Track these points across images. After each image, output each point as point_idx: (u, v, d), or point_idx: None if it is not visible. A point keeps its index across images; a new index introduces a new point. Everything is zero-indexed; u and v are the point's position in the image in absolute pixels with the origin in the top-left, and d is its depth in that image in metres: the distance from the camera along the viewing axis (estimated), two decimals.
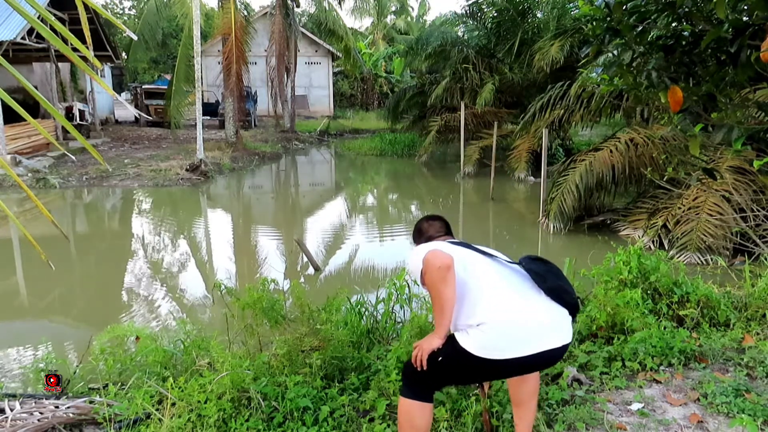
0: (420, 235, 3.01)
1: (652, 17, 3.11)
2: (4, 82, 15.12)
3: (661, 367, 3.90)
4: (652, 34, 3.22)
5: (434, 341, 2.53)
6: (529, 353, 2.44)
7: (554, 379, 3.77)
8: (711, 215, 8.17)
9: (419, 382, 2.64)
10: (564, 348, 2.55)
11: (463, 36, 20.99)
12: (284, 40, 24.52)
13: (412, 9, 47.63)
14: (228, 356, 3.52)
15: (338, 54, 32.89)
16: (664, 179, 8.95)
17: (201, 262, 9.50)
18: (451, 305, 2.44)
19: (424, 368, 2.54)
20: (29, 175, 14.75)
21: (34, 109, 18.59)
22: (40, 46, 17.79)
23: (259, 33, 26.32)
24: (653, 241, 8.60)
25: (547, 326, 2.50)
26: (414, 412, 2.62)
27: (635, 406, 3.43)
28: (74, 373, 4.29)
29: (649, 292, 4.76)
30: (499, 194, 13.75)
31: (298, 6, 27.38)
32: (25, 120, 16.57)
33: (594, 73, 3.95)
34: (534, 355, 2.45)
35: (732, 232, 7.94)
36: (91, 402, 3.59)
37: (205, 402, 3.24)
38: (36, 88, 2.09)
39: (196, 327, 4.82)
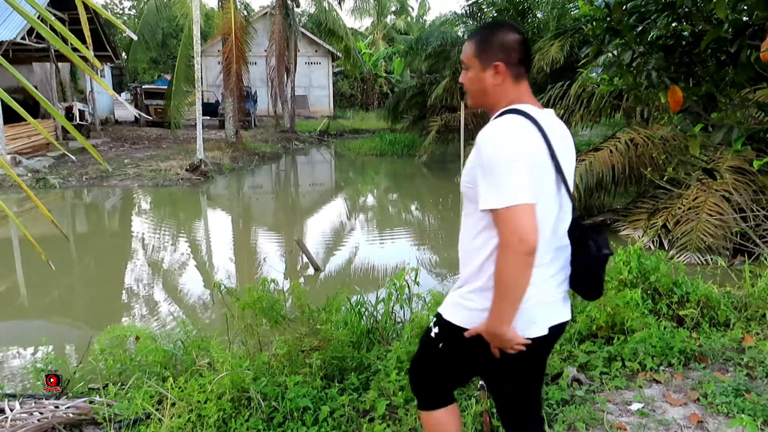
0: (486, 47, 1.95)
1: (652, 17, 3.12)
2: (4, 82, 15.11)
3: (661, 367, 3.90)
4: (652, 34, 3.22)
5: (501, 328, 1.87)
6: (537, 334, 1.97)
7: (554, 379, 3.77)
8: (711, 215, 8.16)
9: (433, 385, 2.26)
10: (564, 325, 2.11)
11: (463, 36, 20.96)
12: (284, 40, 24.52)
13: (412, 9, 47.63)
14: (228, 356, 3.52)
15: (338, 54, 32.87)
16: (664, 179, 8.95)
17: (201, 262, 9.50)
18: (522, 294, 1.85)
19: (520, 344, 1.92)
20: (29, 175, 14.75)
21: (34, 109, 18.59)
22: (40, 46, 17.79)
23: (259, 33, 26.31)
24: (653, 241, 8.60)
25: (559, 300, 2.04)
26: (441, 421, 2.24)
27: (635, 406, 3.43)
28: (74, 373, 4.29)
29: (649, 292, 4.76)
30: None
31: (298, 6, 27.38)
32: (25, 120, 16.53)
33: (594, 73, 3.96)
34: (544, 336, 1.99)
35: (732, 232, 7.94)
36: (91, 402, 3.59)
37: (205, 402, 3.24)
38: (36, 88, 2.09)
39: (196, 327, 4.84)
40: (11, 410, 3.44)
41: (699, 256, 7.90)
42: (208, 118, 25.50)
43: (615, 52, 3.27)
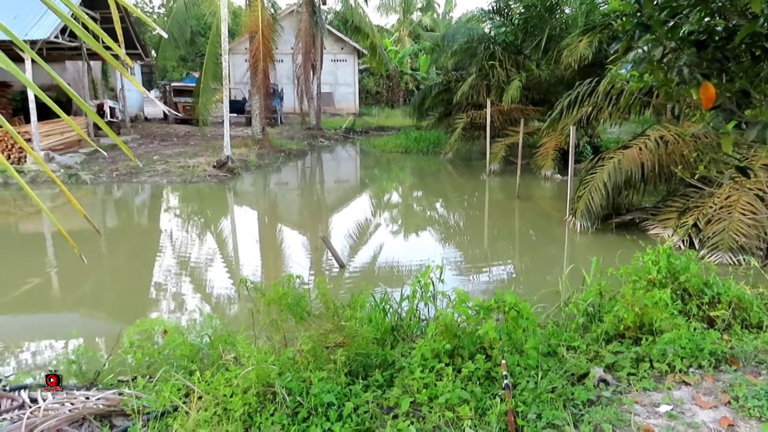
0: None
1: (684, 12, 3.05)
2: (39, 80, 15.45)
3: (691, 369, 3.83)
4: (683, 29, 3.16)
5: None
6: None
7: (580, 380, 3.73)
8: (744, 214, 7.99)
9: None
10: None
11: (490, 32, 20.83)
12: (310, 38, 24.62)
13: (438, 6, 47.48)
14: (253, 351, 3.56)
15: (364, 51, 32.95)
16: (695, 177, 8.78)
17: (227, 257, 9.61)
18: None
19: None
20: (62, 171, 15.08)
21: (66, 106, 18.98)
22: (73, 44, 18.16)
23: (285, 31, 26.47)
24: (683, 241, 8.45)
25: None
26: None
27: (663, 408, 3.37)
28: (104, 365, 4.38)
29: (678, 292, 4.68)
30: (525, 192, 13.64)
31: (324, 3, 27.48)
32: (57, 117, 16.74)
33: (623, 70, 3.90)
34: None
35: (765, 232, 7.76)
36: (120, 394, 3.66)
37: (231, 396, 3.28)
38: (68, 85, 2.13)
39: (223, 322, 4.89)
40: (44, 400, 3.53)
41: (731, 256, 7.73)
42: (235, 115, 25.76)
43: (645, 48, 3.21)
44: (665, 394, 3.51)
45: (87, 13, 17.22)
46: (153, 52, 29.01)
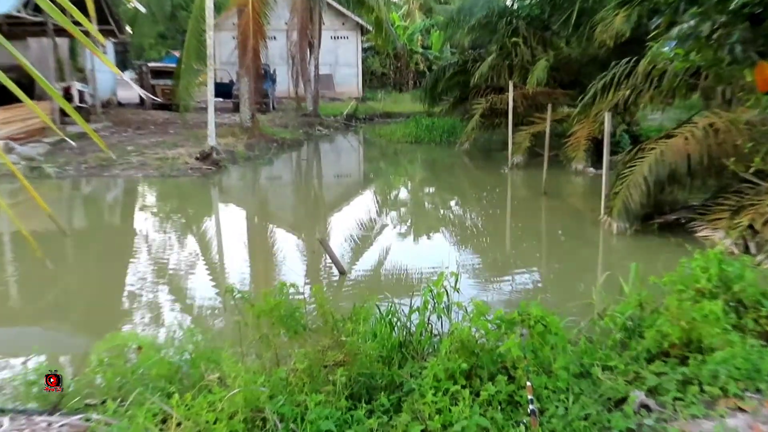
0: None
1: None
2: None
3: (747, 393, 3.80)
4: (735, 1, 3.13)
5: None
6: None
7: (618, 405, 3.70)
8: None
9: None
10: None
11: (512, 5, 20.81)
12: (307, 12, 24.66)
13: None
14: (241, 370, 3.54)
15: (368, 27, 32.97)
16: (751, 171, 8.72)
17: (211, 263, 9.62)
18: None
19: None
20: (23, 163, 15.12)
21: (28, 90, 18.94)
22: (37, 19, 18.23)
23: (279, 4, 26.42)
24: (737, 244, 8.40)
25: None
26: None
27: None
28: (69, 386, 4.37)
29: (732, 304, 4.64)
30: (553, 188, 13.61)
31: None
32: (18, 102, 16.75)
33: (666, 47, 3.87)
34: None
35: None
36: (87, 420, 3.65)
37: (215, 422, 3.27)
38: (32, 66, 2.14)
39: (205, 337, 4.88)
40: (0, 427, 3.53)
41: None
42: (221, 100, 25.84)
43: (691, 23, 3.18)
44: (717, 423, 3.48)
45: None
46: (128, 28, 29.12)
